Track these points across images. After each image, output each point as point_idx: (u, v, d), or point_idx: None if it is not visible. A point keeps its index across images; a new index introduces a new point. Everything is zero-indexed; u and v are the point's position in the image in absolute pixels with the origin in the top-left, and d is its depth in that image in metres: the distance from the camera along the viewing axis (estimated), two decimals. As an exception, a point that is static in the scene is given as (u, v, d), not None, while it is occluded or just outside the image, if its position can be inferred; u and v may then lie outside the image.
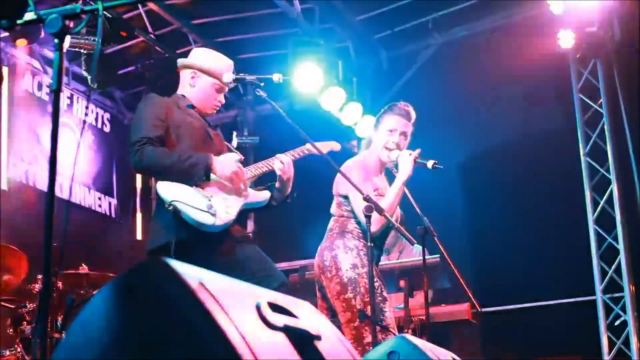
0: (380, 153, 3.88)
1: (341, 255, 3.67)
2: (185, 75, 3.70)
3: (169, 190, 3.31)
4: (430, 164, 3.71)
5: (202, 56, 3.73)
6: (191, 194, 3.32)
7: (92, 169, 7.84)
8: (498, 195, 7.23)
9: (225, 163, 3.44)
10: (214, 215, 3.29)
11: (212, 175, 3.39)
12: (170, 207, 3.21)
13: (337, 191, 3.86)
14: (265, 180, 3.72)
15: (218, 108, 3.77)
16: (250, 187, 3.59)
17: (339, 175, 3.72)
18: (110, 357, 1.27)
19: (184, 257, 1.95)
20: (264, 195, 3.62)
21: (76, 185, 7.60)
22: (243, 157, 3.61)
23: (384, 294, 3.69)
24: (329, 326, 1.55)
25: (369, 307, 3.50)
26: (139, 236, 8.34)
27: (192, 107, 3.62)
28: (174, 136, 3.44)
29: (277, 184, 3.64)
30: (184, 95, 3.66)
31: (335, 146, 3.91)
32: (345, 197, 3.80)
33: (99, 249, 7.16)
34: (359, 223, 3.75)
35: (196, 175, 3.33)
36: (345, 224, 3.77)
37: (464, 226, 7.47)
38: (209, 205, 3.30)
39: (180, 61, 3.76)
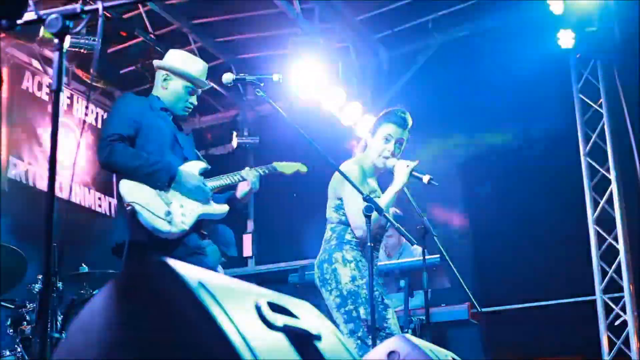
0: (375, 160, 3.84)
1: (340, 268, 3.65)
2: (158, 77, 3.76)
3: (129, 190, 3.34)
4: (426, 178, 3.67)
5: (175, 58, 3.78)
6: (151, 197, 3.36)
7: (92, 169, 7.84)
8: (498, 195, 7.23)
9: (189, 176, 3.50)
10: (169, 222, 3.33)
11: (174, 184, 3.46)
12: (129, 208, 3.23)
13: (334, 193, 3.82)
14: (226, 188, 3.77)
15: (190, 110, 3.80)
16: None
17: (334, 177, 3.74)
18: (110, 357, 1.27)
19: (137, 258, 1.96)
20: (223, 208, 3.66)
21: (76, 185, 7.60)
22: (209, 167, 3.69)
23: (385, 301, 3.67)
24: (329, 326, 1.55)
25: (370, 317, 3.52)
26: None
27: (165, 109, 3.66)
28: (143, 138, 3.48)
29: (237, 195, 3.72)
30: (158, 97, 3.71)
31: (302, 168, 4.00)
32: (341, 199, 3.78)
33: (99, 249, 7.16)
34: (352, 231, 3.72)
35: (158, 182, 3.40)
36: (343, 233, 3.74)
37: (464, 226, 7.47)
38: (166, 212, 3.35)
39: (155, 62, 3.81)
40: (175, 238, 3.38)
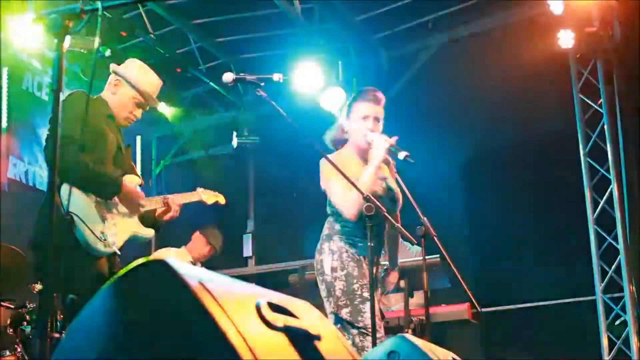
0: (358, 141, 3.84)
1: (325, 258, 3.71)
2: (111, 80, 3.75)
3: (72, 199, 3.30)
4: (402, 155, 3.64)
5: (131, 67, 3.77)
6: (91, 212, 3.39)
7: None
8: (498, 195, 7.23)
9: (132, 193, 3.56)
10: (103, 242, 3.38)
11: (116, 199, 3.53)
12: (68, 217, 3.23)
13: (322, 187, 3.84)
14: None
15: (132, 122, 3.80)
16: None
17: (320, 170, 3.77)
18: (110, 357, 1.27)
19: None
20: (150, 232, 3.74)
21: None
22: (143, 182, 3.78)
23: (365, 294, 3.58)
24: (329, 326, 1.55)
25: (342, 310, 3.54)
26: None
27: (112, 117, 3.67)
28: (90, 142, 3.46)
29: (160, 218, 3.80)
30: (106, 101, 3.70)
31: (221, 200, 4.32)
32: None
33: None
34: (342, 221, 3.72)
35: (104, 194, 3.46)
36: (333, 225, 3.78)
37: (464, 226, 7.47)
38: (102, 229, 3.39)
39: (112, 66, 3.79)
40: (102, 256, 3.45)
